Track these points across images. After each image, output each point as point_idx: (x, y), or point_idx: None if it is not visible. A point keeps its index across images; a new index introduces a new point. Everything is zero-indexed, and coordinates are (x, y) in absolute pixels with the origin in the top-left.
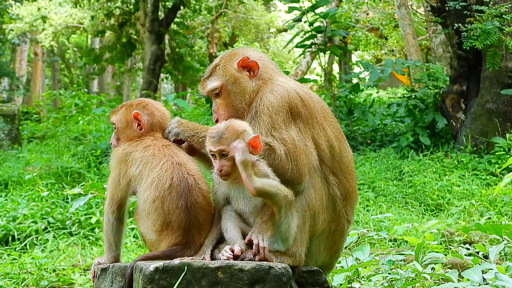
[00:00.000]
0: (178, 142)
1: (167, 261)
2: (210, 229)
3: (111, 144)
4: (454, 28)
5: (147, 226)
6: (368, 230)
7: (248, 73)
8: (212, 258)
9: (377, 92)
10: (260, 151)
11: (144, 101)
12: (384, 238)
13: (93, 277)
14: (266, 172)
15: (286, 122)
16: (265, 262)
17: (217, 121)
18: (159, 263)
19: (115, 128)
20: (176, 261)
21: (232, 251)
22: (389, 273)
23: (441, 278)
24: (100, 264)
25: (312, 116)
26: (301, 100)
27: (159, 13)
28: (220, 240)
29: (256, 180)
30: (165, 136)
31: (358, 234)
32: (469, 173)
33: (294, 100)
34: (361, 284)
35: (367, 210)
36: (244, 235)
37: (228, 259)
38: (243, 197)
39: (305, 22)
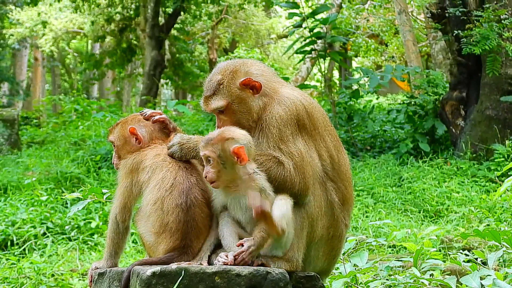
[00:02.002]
0: None
1: (164, 266)
2: (208, 234)
3: (113, 163)
4: (454, 34)
5: (147, 228)
6: (367, 236)
7: (251, 90)
8: (210, 263)
9: (377, 99)
10: (245, 162)
11: (138, 115)
12: (383, 244)
13: (90, 281)
14: (263, 186)
15: (294, 135)
16: (262, 267)
17: None
18: (156, 268)
19: (114, 146)
20: (174, 266)
21: (227, 258)
22: (387, 279)
23: (440, 284)
24: (97, 268)
25: (315, 127)
26: (306, 112)
27: (160, 18)
28: (219, 246)
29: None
30: (169, 155)
31: (356, 240)
32: (469, 179)
33: (300, 112)
34: None
35: (366, 217)
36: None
37: (225, 264)
38: (239, 206)
39: (305, 28)
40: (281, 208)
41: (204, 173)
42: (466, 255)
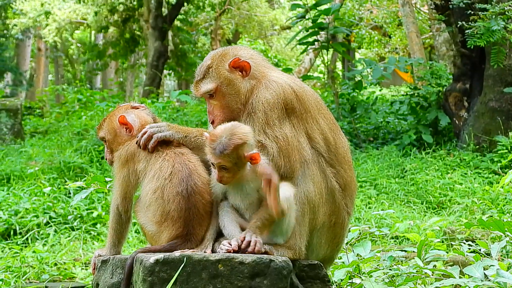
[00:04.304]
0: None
1: (168, 253)
2: (209, 221)
3: (106, 159)
4: (458, 26)
5: (148, 218)
6: (369, 227)
7: (240, 73)
8: (213, 251)
9: (380, 90)
10: (258, 162)
11: (125, 105)
12: (386, 235)
13: (94, 269)
14: None
15: (281, 119)
16: (265, 255)
17: (213, 122)
18: (160, 255)
19: (105, 142)
20: (177, 253)
21: (230, 245)
22: (390, 269)
23: (443, 275)
24: (100, 256)
25: (306, 110)
26: (295, 95)
27: (163, 9)
28: (221, 234)
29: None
30: (150, 134)
31: (359, 230)
32: (471, 171)
33: (289, 96)
34: (362, 280)
35: (369, 208)
36: (242, 230)
37: (228, 252)
38: (240, 193)
39: (308, 19)
40: (286, 192)
41: (218, 178)
42: (469, 245)
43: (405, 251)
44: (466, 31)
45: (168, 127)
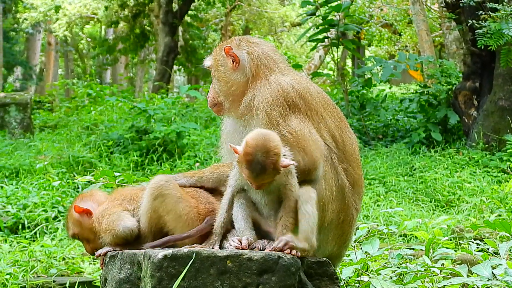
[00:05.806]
0: None
1: (176, 249)
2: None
3: (87, 252)
4: (468, 24)
5: None
6: (378, 225)
7: (232, 63)
8: (220, 247)
9: (390, 88)
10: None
11: (80, 194)
12: (394, 233)
13: (102, 264)
14: (291, 168)
15: (284, 116)
16: (274, 252)
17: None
18: (168, 251)
19: (78, 237)
20: (185, 249)
21: (240, 243)
22: (398, 267)
23: (451, 273)
24: (109, 251)
25: (310, 108)
26: (297, 93)
27: (173, 4)
28: (229, 229)
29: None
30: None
31: (368, 228)
32: (480, 170)
33: (288, 93)
34: (370, 277)
35: (378, 205)
36: (255, 224)
37: (236, 248)
38: (264, 189)
39: (318, 16)
40: (309, 219)
41: (256, 187)
42: (478, 244)
43: (413, 249)
44: (477, 30)
45: (183, 176)
